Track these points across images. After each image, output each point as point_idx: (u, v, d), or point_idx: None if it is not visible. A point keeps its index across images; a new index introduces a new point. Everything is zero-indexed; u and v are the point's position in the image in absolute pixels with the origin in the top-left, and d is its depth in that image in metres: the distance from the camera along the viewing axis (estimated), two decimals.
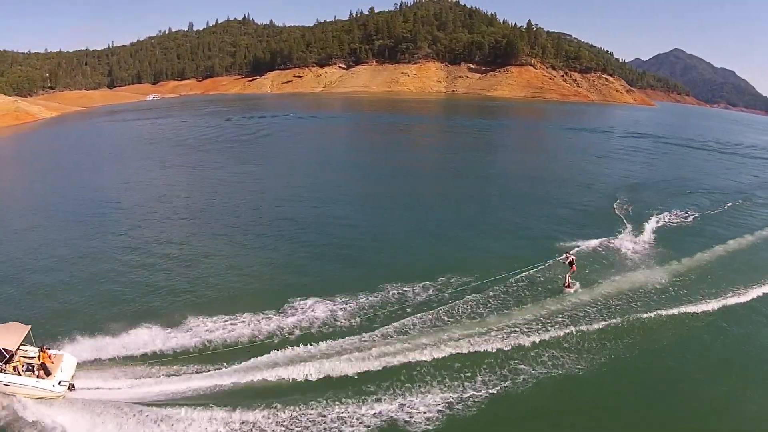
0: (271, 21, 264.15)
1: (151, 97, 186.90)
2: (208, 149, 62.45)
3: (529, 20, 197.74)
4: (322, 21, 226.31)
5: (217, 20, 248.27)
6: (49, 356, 19.47)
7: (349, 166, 53.25)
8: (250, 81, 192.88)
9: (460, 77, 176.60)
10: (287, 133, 77.13)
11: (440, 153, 63.04)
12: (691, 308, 22.71)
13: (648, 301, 22.88)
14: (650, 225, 32.25)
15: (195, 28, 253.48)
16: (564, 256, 24.66)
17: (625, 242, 29.22)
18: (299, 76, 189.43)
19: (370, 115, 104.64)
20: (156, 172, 50.70)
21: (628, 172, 51.61)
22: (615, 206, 36.99)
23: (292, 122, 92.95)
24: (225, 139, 70.99)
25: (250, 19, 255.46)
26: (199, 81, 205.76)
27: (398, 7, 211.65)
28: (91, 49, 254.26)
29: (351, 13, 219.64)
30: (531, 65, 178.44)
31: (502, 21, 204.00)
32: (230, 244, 30.84)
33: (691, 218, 34.60)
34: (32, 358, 19.51)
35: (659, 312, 21.77)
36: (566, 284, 24.17)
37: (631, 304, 22.66)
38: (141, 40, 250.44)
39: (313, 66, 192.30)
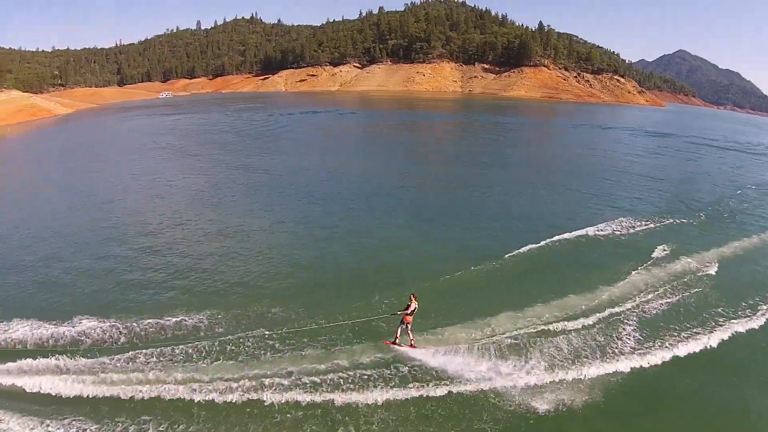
0: (279, 20, 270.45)
1: (164, 95, 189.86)
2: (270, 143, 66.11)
3: (540, 21, 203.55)
4: (332, 21, 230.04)
5: (225, 19, 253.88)
6: None
7: (412, 160, 56.80)
8: (263, 79, 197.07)
9: (475, 77, 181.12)
10: (338, 129, 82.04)
11: (494, 150, 65.23)
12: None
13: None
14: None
15: (203, 27, 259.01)
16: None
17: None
18: (314, 75, 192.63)
19: (407, 113, 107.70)
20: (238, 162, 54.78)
21: (684, 172, 52.88)
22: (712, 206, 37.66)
23: (337, 118, 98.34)
24: (275, 134, 74.86)
25: (258, 18, 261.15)
26: (210, 79, 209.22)
27: (407, 6, 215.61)
28: (98, 47, 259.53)
29: (361, 13, 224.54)
30: (544, 66, 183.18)
31: (510, 22, 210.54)
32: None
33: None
34: None
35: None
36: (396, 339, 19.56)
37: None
38: (149, 38, 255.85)
39: (327, 65, 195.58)
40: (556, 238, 29.48)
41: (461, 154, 64.10)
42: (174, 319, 21.22)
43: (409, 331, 19.49)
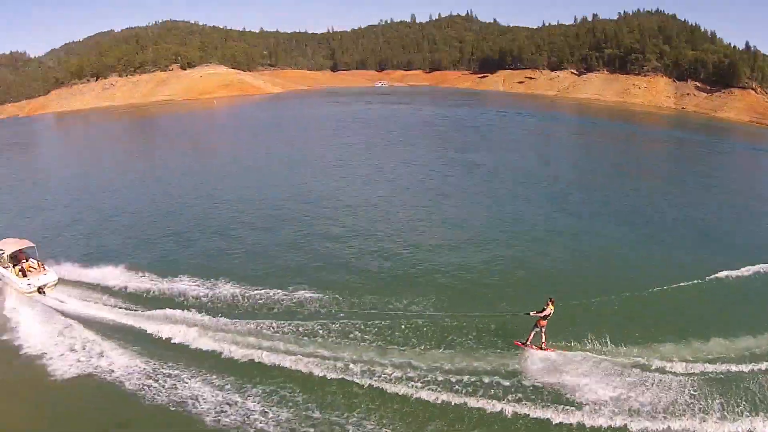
0: (494, 20, 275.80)
1: (380, 84, 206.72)
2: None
3: (747, 41, 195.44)
4: (547, 24, 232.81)
5: (440, 14, 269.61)
6: (36, 267, 29.42)
7: None
8: (481, 77, 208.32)
9: (687, 94, 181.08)
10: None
11: None
12: None
13: None
14: None
15: (418, 21, 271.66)
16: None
17: None
18: (531, 78, 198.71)
19: (623, 125, 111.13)
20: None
21: None
22: None
23: (554, 122, 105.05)
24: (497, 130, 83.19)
25: (474, 16, 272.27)
26: (427, 73, 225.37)
27: (620, 16, 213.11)
28: (309, 32, 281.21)
29: (575, 19, 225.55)
30: (752, 89, 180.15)
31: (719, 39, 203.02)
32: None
33: None
34: (31, 267, 29.38)
35: None
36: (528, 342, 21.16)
37: None
38: (362, 27, 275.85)
39: (545, 68, 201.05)
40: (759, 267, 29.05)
41: (677, 171, 64.93)
42: (321, 296, 25.43)
43: (543, 334, 20.73)
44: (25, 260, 30.01)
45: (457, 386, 18.83)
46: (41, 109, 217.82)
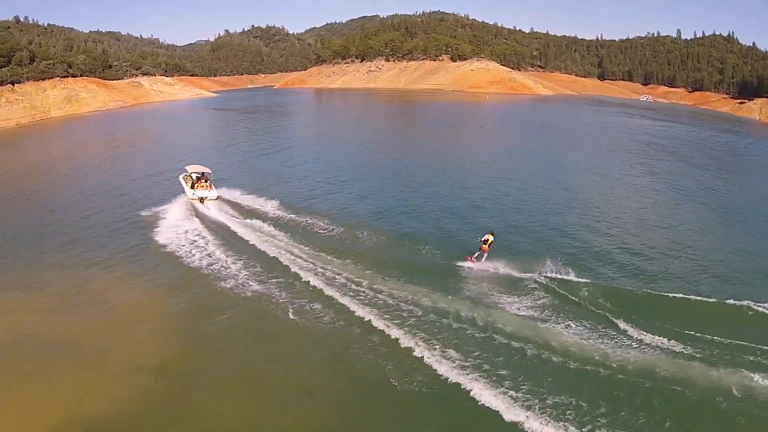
0: (753, 43, 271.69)
1: (645, 98, 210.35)
2: None
3: None
4: None
5: (704, 32, 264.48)
6: (205, 185, 42.45)
7: None
8: (740, 103, 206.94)
9: None
10: None
11: None
12: None
13: None
14: None
15: (683, 37, 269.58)
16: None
17: None
18: None
19: None
20: None
21: None
22: None
23: None
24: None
25: (735, 37, 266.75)
26: (689, 92, 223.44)
27: None
28: (578, 37, 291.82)
29: None
30: None
31: None
32: None
33: None
34: (202, 184, 42.59)
35: None
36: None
37: None
38: (630, 38, 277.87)
39: None
40: None
41: None
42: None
43: (484, 255, 29.35)
44: (205, 180, 42.84)
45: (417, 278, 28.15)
46: (299, 83, 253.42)
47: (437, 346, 21.76)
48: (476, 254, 29.86)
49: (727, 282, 29.13)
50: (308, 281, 27.89)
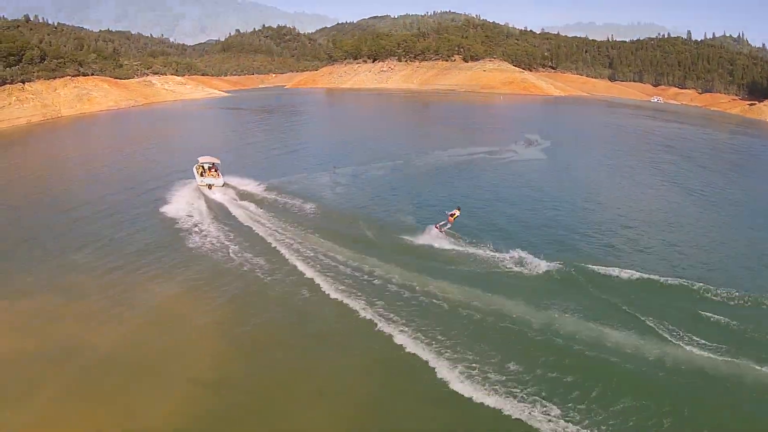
0: (763, 44, 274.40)
1: (656, 99, 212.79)
2: None
3: None
4: None
5: (714, 33, 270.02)
6: (214, 174, 48.38)
7: None
8: (750, 105, 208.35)
9: None
10: None
11: None
12: None
13: None
14: None
15: (693, 38, 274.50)
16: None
17: None
18: None
19: None
20: None
21: None
22: None
23: None
24: None
25: (745, 38, 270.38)
26: (699, 93, 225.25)
27: None
28: (590, 39, 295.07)
29: None
30: None
31: None
32: None
33: None
34: (211, 173, 48.43)
35: None
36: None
37: None
38: (641, 39, 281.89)
39: None
40: None
41: None
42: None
43: (447, 227, 34.90)
44: (214, 170, 48.92)
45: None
46: (311, 83, 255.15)
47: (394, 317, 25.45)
48: (442, 223, 35.36)
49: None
50: (281, 252, 33.21)
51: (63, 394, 20.30)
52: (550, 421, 18.44)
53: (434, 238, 34.65)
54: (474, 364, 21.44)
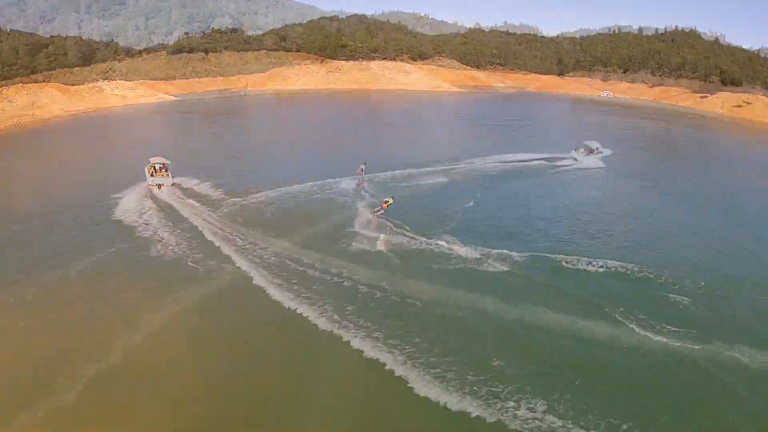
0: (716, 38, 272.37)
1: (605, 94, 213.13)
2: None
3: None
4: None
5: (666, 28, 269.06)
6: (164, 174, 51.95)
7: None
8: (702, 97, 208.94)
9: None
10: None
11: None
12: None
13: None
14: None
15: (644, 33, 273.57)
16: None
17: None
18: (748, 102, 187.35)
19: None
20: None
21: None
22: None
23: None
24: None
25: (698, 32, 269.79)
26: (649, 87, 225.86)
27: None
28: (538, 35, 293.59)
29: None
30: None
31: None
32: None
33: None
34: (161, 174, 51.94)
35: None
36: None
37: None
38: (590, 34, 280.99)
39: (763, 95, 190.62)
40: None
41: None
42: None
43: (381, 212, 40.89)
44: (164, 170, 52.29)
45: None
46: (259, 86, 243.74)
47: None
48: (377, 209, 42.18)
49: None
50: (217, 244, 37.85)
51: (71, 412, 21.47)
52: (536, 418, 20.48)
53: (367, 222, 40.24)
54: (450, 367, 23.69)
